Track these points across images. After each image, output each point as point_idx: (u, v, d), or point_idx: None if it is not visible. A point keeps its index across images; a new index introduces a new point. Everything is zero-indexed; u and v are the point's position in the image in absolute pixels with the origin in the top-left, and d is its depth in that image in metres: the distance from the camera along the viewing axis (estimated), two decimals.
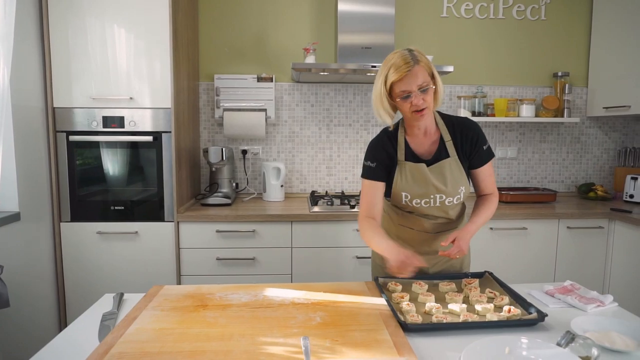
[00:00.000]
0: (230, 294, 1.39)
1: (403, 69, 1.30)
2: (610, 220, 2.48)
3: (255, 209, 2.42)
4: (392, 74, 1.32)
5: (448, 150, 1.45)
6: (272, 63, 2.82)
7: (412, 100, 1.34)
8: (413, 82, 1.31)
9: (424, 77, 1.33)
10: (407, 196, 1.47)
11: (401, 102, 1.36)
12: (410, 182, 1.46)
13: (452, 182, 1.44)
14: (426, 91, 1.34)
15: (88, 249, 2.27)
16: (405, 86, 1.32)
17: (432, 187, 1.44)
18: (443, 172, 1.44)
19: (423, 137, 1.47)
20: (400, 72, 1.30)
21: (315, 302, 1.32)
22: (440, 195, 1.46)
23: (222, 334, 1.12)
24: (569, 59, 2.98)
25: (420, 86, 1.32)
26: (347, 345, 1.05)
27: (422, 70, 1.32)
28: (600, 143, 3.06)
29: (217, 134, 2.86)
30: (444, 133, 1.46)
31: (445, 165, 1.44)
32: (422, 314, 1.25)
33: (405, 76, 1.31)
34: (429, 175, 1.44)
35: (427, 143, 1.47)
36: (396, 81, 1.32)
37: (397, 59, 1.33)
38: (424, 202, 1.48)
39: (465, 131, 1.46)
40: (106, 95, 2.22)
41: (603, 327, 1.14)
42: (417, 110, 1.35)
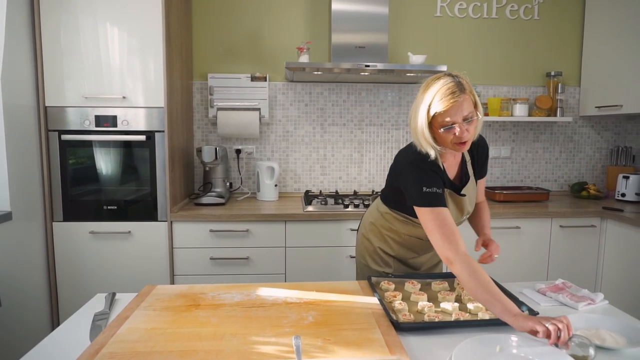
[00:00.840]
0: (222, 294, 1.39)
1: (450, 99, 1.22)
2: (602, 219, 2.50)
3: (249, 209, 2.42)
4: (436, 103, 1.24)
5: (468, 170, 1.46)
6: (266, 62, 2.82)
7: (456, 131, 1.25)
8: (459, 113, 1.23)
9: (469, 107, 1.25)
10: None
11: (444, 133, 1.27)
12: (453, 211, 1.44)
13: (472, 201, 1.50)
14: (471, 122, 1.26)
15: (81, 249, 2.26)
16: (451, 117, 1.23)
17: (466, 211, 1.49)
18: (470, 194, 1.48)
19: (453, 159, 1.43)
20: (446, 102, 1.22)
21: (308, 302, 1.32)
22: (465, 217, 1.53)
23: (214, 333, 1.11)
24: (561, 59, 2.99)
25: (465, 117, 1.24)
26: (339, 344, 1.05)
27: (467, 100, 1.24)
28: (593, 142, 3.08)
29: (210, 133, 2.86)
30: (465, 153, 1.46)
31: (469, 188, 1.47)
32: (415, 313, 1.25)
33: (451, 107, 1.23)
34: (466, 205, 1.47)
35: (455, 163, 1.45)
36: (441, 112, 1.24)
37: (442, 88, 1.24)
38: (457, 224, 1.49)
39: (481, 150, 1.49)
40: (99, 94, 2.21)
41: (593, 325, 1.15)
42: (459, 143, 1.28)
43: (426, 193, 1.30)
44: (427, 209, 1.29)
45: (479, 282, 1.14)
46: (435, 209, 1.29)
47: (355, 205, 2.40)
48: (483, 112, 1.33)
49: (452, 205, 1.44)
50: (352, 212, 2.32)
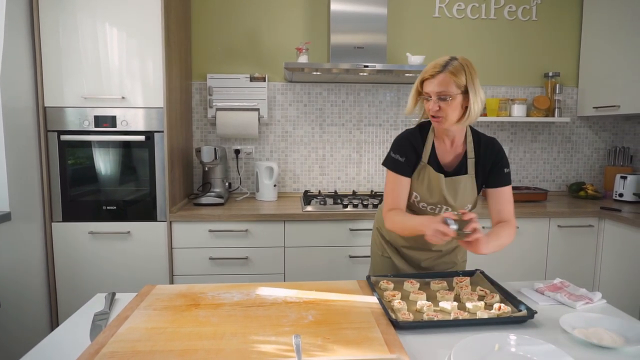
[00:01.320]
0: (222, 293, 1.39)
1: (429, 71, 1.34)
2: (600, 219, 2.51)
3: (248, 209, 2.42)
4: (423, 72, 1.37)
5: (468, 167, 1.47)
6: (265, 63, 2.82)
7: (430, 104, 1.35)
8: (433, 87, 1.33)
9: (447, 86, 1.31)
10: (417, 197, 1.51)
11: (425, 101, 1.40)
12: (424, 186, 1.48)
13: (462, 198, 1.48)
14: (445, 100, 1.32)
15: (80, 249, 2.26)
16: (427, 88, 1.36)
17: (442, 198, 1.47)
18: (456, 187, 1.47)
19: (450, 146, 1.47)
20: (427, 73, 1.34)
21: (308, 301, 1.33)
22: (447, 208, 1.49)
23: (214, 332, 1.12)
24: (559, 59, 3.01)
25: (439, 94, 1.32)
26: (339, 343, 1.06)
27: (447, 79, 1.31)
28: (591, 142, 3.10)
29: (210, 133, 2.86)
30: (470, 150, 1.46)
31: (460, 181, 1.46)
32: (414, 312, 1.25)
33: (429, 79, 1.34)
34: (443, 187, 1.46)
35: (452, 154, 1.48)
36: (424, 80, 1.36)
37: (434, 61, 1.36)
38: (430, 207, 1.52)
39: (490, 150, 1.46)
40: (98, 95, 2.21)
41: (591, 324, 1.16)
42: (432, 116, 1.38)
43: (391, 157, 1.48)
44: (387, 171, 1.49)
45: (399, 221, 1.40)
46: (392, 174, 1.47)
47: (354, 205, 2.41)
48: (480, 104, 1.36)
49: (427, 183, 1.47)
50: (351, 212, 2.33)
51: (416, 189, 1.49)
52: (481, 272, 1.52)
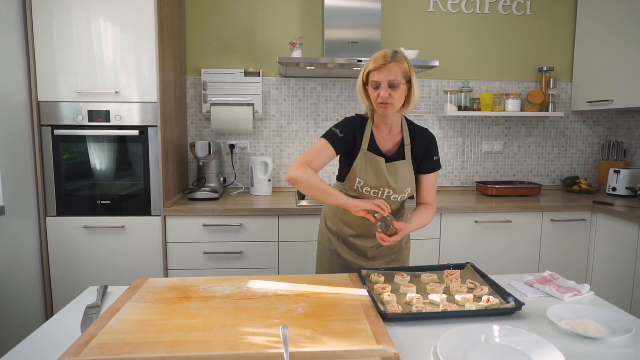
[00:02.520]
0: (214, 286, 1.40)
1: (380, 61, 1.44)
2: (592, 213, 2.52)
3: (243, 203, 2.43)
4: (370, 64, 1.46)
5: (405, 153, 1.59)
6: (259, 58, 2.82)
7: (380, 92, 1.45)
8: (385, 76, 1.44)
9: (397, 75, 1.45)
10: (360, 182, 1.58)
11: (372, 91, 1.48)
12: (367, 171, 1.56)
13: (402, 182, 1.57)
14: (395, 89, 1.45)
15: (75, 244, 2.27)
16: (377, 77, 1.45)
17: (384, 181, 1.56)
18: (396, 172, 1.57)
19: (388, 134, 1.58)
20: (377, 63, 1.44)
21: (298, 294, 1.34)
22: (389, 191, 1.58)
23: (204, 324, 1.12)
24: (554, 54, 3.01)
25: (390, 82, 1.44)
26: (327, 334, 1.07)
27: (397, 68, 1.44)
28: (585, 137, 3.11)
29: (205, 128, 2.86)
30: (406, 137, 1.59)
31: (399, 166, 1.57)
32: (403, 305, 1.27)
33: (380, 68, 1.44)
34: (384, 170, 1.55)
35: (390, 142, 1.59)
36: (372, 71, 1.46)
37: (379, 53, 1.47)
38: (374, 192, 1.58)
39: (423, 138, 1.60)
40: (92, 90, 2.21)
41: (578, 315, 1.17)
42: (382, 103, 1.47)
43: (330, 130, 1.55)
44: (322, 138, 1.54)
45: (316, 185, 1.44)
46: (324, 140, 1.53)
47: None
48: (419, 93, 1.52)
49: (370, 168, 1.55)
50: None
51: (359, 175, 1.56)
52: (472, 265, 1.53)
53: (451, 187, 3.04)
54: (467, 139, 3.02)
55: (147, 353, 0.98)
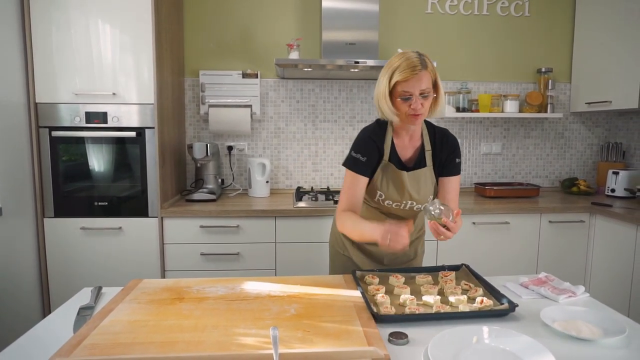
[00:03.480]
0: (207, 287, 1.40)
1: (409, 71, 1.31)
2: (591, 214, 2.51)
3: (240, 205, 2.43)
4: (398, 74, 1.33)
5: (426, 159, 1.50)
6: (257, 59, 2.82)
7: (412, 103, 1.35)
8: (417, 85, 1.33)
9: (428, 83, 1.35)
10: (381, 195, 1.52)
11: (400, 102, 1.37)
12: (389, 185, 1.49)
13: (424, 191, 1.50)
14: (426, 97, 1.36)
15: (72, 245, 2.27)
16: (409, 88, 1.33)
17: (407, 194, 1.49)
18: (418, 180, 1.49)
19: (408, 141, 1.50)
20: (407, 73, 1.32)
21: (291, 295, 1.33)
22: (412, 202, 1.51)
23: (196, 325, 1.12)
24: (552, 55, 3.00)
25: (422, 91, 1.34)
26: (319, 335, 1.07)
27: (427, 76, 1.34)
28: (584, 138, 3.10)
29: (202, 130, 2.86)
30: (426, 142, 1.50)
31: (421, 174, 1.49)
32: (397, 306, 1.26)
33: (410, 78, 1.32)
34: (407, 183, 1.48)
35: (411, 148, 1.51)
36: (400, 81, 1.33)
37: (404, 60, 1.33)
38: (395, 204, 1.52)
39: (445, 141, 1.51)
40: (89, 91, 2.22)
41: (571, 317, 1.17)
42: (413, 114, 1.37)
43: (351, 157, 1.47)
44: (347, 170, 1.48)
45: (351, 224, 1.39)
46: (350, 172, 1.46)
47: None
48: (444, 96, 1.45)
49: (392, 181, 1.48)
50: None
51: (380, 188, 1.50)
52: (466, 266, 1.52)
53: None
54: (465, 140, 3.02)
55: (138, 353, 0.98)
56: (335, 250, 1.74)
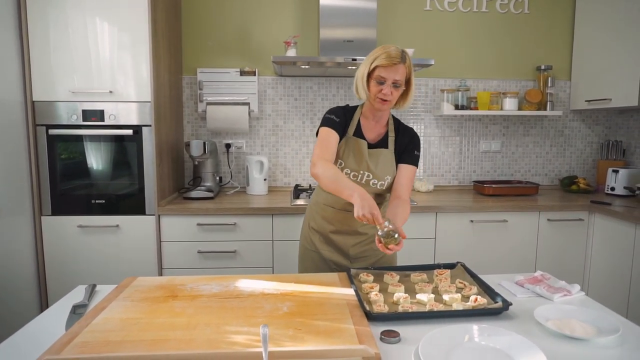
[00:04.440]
0: (201, 285, 1.40)
1: (393, 60, 1.46)
2: (590, 213, 2.50)
3: (238, 202, 2.42)
4: (382, 58, 1.47)
5: (389, 143, 1.64)
6: (255, 57, 2.82)
7: (383, 88, 1.49)
8: (392, 74, 1.48)
9: (402, 76, 1.50)
10: (341, 163, 1.60)
11: (374, 85, 1.51)
12: (348, 154, 1.60)
13: (382, 168, 1.61)
14: (397, 88, 1.51)
15: (69, 243, 2.27)
16: (385, 74, 1.48)
17: (365, 164, 1.59)
18: (378, 158, 1.60)
19: (374, 125, 1.63)
20: (389, 61, 1.46)
21: (285, 293, 1.33)
22: (368, 174, 1.60)
23: (188, 323, 1.12)
24: (552, 52, 2.98)
25: (395, 81, 1.49)
26: (310, 333, 1.06)
27: (403, 70, 1.49)
28: (584, 136, 3.08)
29: (201, 127, 2.86)
30: (391, 130, 1.65)
31: (381, 153, 1.61)
32: (390, 304, 1.26)
33: (389, 67, 1.47)
34: (365, 153, 1.59)
35: (375, 132, 1.64)
36: (379, 67, 1.47)
37: (389, 50, 1.48)
38: (353, 174, 1.60)
39: (408, 132, 1.66)
40: (86, 89, 2.22)
41: (565, 315, 1.16)
42: (382, 99, 1.51)
43: (326, 117, 1.59)
44: (320, 127, 1.58)
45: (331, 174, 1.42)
46: (325, 128, 1.56)
47: None
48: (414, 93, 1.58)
49: (353, 151, 1.59)
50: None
51: (342, 156, 1.60)
52: (462, 264, 1.52)
53: (448, 186, 3.02)
54: (464, 138, 3.00)
55: (128, 351, 0.98)
56: (304, 248, 1.78)
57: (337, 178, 1.42)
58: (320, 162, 1.48)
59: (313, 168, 1.49)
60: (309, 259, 1.75)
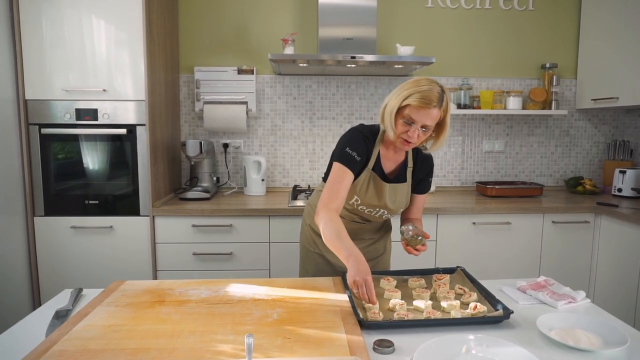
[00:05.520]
0: (191, 290, 1.35)
1: (424, 102, 1.32)
2: (596, 215, 2.43)
3: (234, 204, 2.38)
4: (413, 98, 1.33)
5: (407, 175, 1.55)
6: (253, 55, 2.77)
7: (410, 130, 1.37)
8: (424, 118, 1.34)
9: (434, 120, 1.37)
10: (357, 200, 1.52)
11: (401, 123, 1.38)
12: (368, 192, 1.51)
13: (399, 203, 1.55)
14: (425, 132, 1.39)
15: (62, 244, 2.24)
16: (415, 116, 1.35)
17: (383, 203, 1.52)
18: (396, 193, 1.53)
19: (393, 154, 1.53)
20: (421, 103, 1.33)
21: (276, 299, 1.28)
22: (384, 211, 1.55)
23: (172, 330, 1.08)
24: (557, 50, 2.91)
25: (425, 126, 1.37)
26: (299, 342, 1.01)
27: (437, 114, 1.36)
28: (590, 136, 3.00)
29: (198, 127, 2.82)
30: (409, 159, 1.55)
31: (399, 188, 1.54)
32: (385, 311, 1.21)
33: (421, 110, 1.33)
34: (386, 194, 1.51)
35: (393, 162, 1.54)
36: (411, 106, 1.34)
37: (427, 90, 1.33)
38: (368, 210, 1.55)
39: (426, 163, 1.58)
40: (79, 87, 2.18)
41: (570, 325, 1.10)
42: (406, 140, 1.39)
43: (346, 153, 1.44)
44: (337, 164, 1.43)
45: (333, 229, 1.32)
46: (343, 167, 1.42)
47: None
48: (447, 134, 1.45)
49: (372, 189, 1.50)
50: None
51: (358, 193, 1.51)
52: (462, 269, 1.46)
53: (450, 187, 2.96)
54: (466, 138, 2.94)
55: None
56: (306, 249, 1.73)
57: (338, 236, 1.31)
58: (324, 213, 1.37)
59: (316, 217, 1.42)
60: (311, 260, 1.69)
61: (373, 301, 1.17)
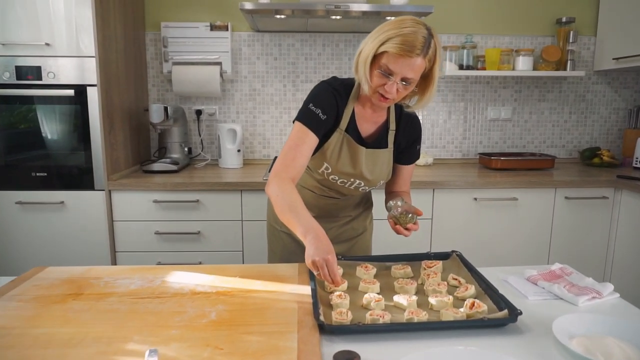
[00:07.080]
0: (120, 279, 1.11)
1: (405, 49, 1.06)
2: (616, 190, 2.16)
3: (204, 177, 2.11)
4: (392, 44, 1.07)
5: (388, 139, 1.31)
6: (227, 8, 2.45)
7: (387, 84, 1.12)
8: (404, 70, 1.09)
9: (417, 72, 1.11)
10: (327, 168, 1.28)
11: (377, 75, 1.13)
12: (340, 158, 1.26)
13: (378, 173, 1.31)
14: (406, 86, 1.14)
15: (7, 222, 1.99)
16: (394, 67, 1.09)
17: (359, 173, 1.28)
18: (374, 161, 1.29)
19: (371, 113, 1.28)
20: (400, 50, 1.07)
21: (222, 291, 1.04)
22: (360, 182, 1.31)
23: (72, 335, 0.84)
24: (575, 3, 2.58)
25: (405, 78, 1.11)
26: (233, 355, 0.77)
27: (421, 64, 1.10)
28: (609, 102, 2.70)
29: (168, 92, 2.52)
30: (392, 120, 1.30)
31: (379, 155, 1.30)
32: (358, 309, 0.96)
33: (401, 58, 1.08)
34: (362, 161, 1.27)
35: (372, 123, 1.30)
36: (389, 54, 1.09)
37: (411, 35, 1.07)
38: (341, 181, 1.30)
39: (411, 126, 1.33)
40: (18, 41, 1.88)
41: (597, 331, 0.85)
42: (383, 95, 1.15)
43: (308, 110, 1.20)
44: (298, 124, 1.20)
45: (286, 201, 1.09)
46: (303, 128, 1.18)
47: None
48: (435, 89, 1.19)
49: (345, 154, 1.26)
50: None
51: (329, 159, 1.26)
52: (458, 254, 1.19)
53: (450, 159, 2.68)
54: (469, 104, 2.64)
55: None
56: (272, 228, 1.49)
57: (292, 208, 1.08)
58: (275, 182, 1.14)
59: (267, 188, 1.17)
60: (278, 241, 1.47)
61: (337, 282, 0.97)
